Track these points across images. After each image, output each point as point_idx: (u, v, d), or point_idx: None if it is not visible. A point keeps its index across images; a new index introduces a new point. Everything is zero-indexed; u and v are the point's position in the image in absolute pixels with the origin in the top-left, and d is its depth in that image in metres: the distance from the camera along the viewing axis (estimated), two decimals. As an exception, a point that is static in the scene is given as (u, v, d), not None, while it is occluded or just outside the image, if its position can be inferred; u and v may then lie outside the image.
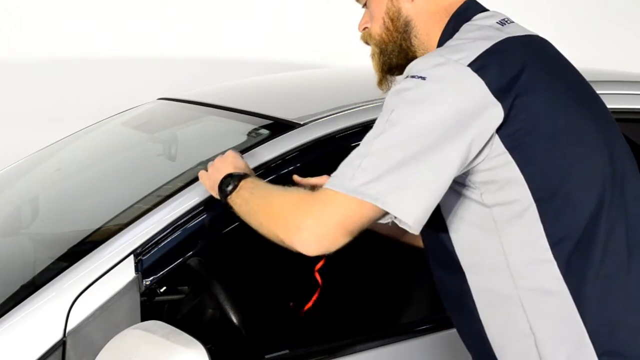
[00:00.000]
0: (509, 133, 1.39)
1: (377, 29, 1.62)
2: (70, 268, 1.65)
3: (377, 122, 1.43)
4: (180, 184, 1.81)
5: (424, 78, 1.40)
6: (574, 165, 1.44)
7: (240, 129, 2.07)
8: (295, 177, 1.79)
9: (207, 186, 1.68)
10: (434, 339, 1.92)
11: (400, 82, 1.46)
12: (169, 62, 4.53)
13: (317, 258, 2.67)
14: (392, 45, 1.61)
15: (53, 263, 1.79)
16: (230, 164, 1.64)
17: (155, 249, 1.68)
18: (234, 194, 1.57)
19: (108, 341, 1.54)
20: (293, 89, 2.56)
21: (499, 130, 1.39)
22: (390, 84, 1.65)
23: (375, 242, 2.27)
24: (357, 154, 1.40)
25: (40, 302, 1.60)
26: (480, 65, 1.40)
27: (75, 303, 1.60)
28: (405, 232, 1.59)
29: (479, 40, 1.46)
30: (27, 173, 2.62)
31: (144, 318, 1.64)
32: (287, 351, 1.86)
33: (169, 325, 1.54)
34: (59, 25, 4.32)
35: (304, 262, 2.72)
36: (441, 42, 1.54)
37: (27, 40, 4.28)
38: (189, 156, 2.22)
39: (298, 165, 1.83)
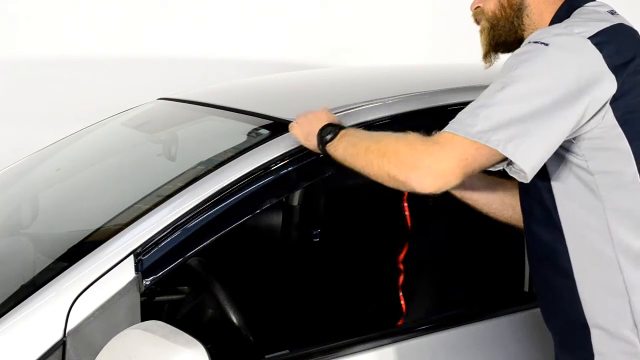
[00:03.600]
0: (620, 106, 1.50)
1: (491, 5, 1.72)
2: (70, 268, 1.65)
3: (498, 79, 1.52)
4: (180, 184, 1.81)
5: (546, 44, 1.50)
6: None
7: (240, 129, 2.07)
8: None
9: (299, 136, 1.78)
10: (434, 339, 1.92)
11: (522, 47, 1.55)
12: (169, 62, 4.53)
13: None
14: (504, 22, 1.71)
15: (53, 263, 1.79)
16: (325, 116, 1.75)
17: (155, 249, 1.68)
18: (335, 140, 1.67)
19: (108, 341, 1.54)
20: (293, 89, 2.56)
21: (612, 103, 1.50)
22: (493, 60, 1.76)
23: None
24: (479, 105, 1.50)
25: (40, 302, 1.60)
26: (599, 40, 1.51)
27: (75, 303, 1.60)
28: (475, 190, 1.79)
29: (595, 21, 1.58)
30: (27, 173, 2.62)
31: (144, 318, 1.64)
32: (287, 351, 1.86)
33: (169, 325, 1.54)
34: (59, 25, 4.32)
35: (304, 262, 2.73)
36: (554, 22, 1.63)
37: (27, 40, 4.28)
38: (189, 156, 2.22)
39: (298, 165, 1.83)
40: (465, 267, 2.47)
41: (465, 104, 2.06)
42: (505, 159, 1.49)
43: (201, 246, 1.73)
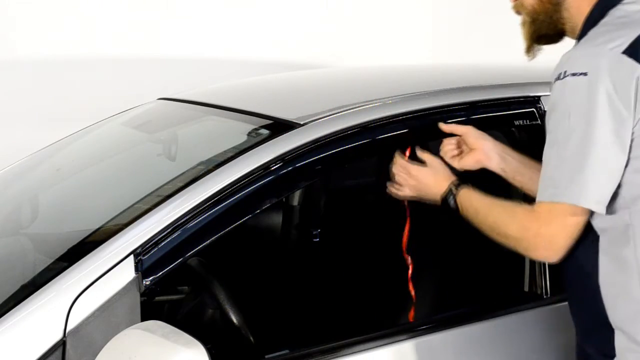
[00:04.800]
0: None
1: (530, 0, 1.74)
2: (70, 268, 1.65)
3: (557, 124, 1.57)
4: (180, 184, 1.81)
5: (585, 74, 1.53)
6: None
7: (240, 129, 2.07)
8: (441, 125, 1.96)
9: (416, 194, 1.91)
10: (434, 339, 1.92)
11: (563, 80, 1.57)
12: (169, 62, 4.53)
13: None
14: (544, 16, 1.72)
15: (53, 263, 1.79)
16: (445, 172, 1.87)
17: (155, 249, 1.68)
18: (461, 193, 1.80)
19: (108, 341, 1.54)
20: (293, 89, 2.56)
21: None
22: (536, 53, 1.79)
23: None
24: (553, 165, 1.58)
25: (40, 302, 1.60)
26: (633, 51, 1.53)
27: (75, 303, 1.60)
28: (518, 175, 1.87)
29: (628, 26, 1.58)
30: (27, 173, 2.62)
31: (144, 318, 1.64)
32: (287, 351, 1.86)
33: (169, 325, 1.54)
34: (59, 25, 4.32)
35: (304, 262, 2.73)
36: (588, 20, 1.65)
37: (27, 40, 4.28)
38: (189, 156, 2.22)
39: (298, 165, 1.83)
40: (465, 266, 2.46)
41: (466, 103, 2.08)
42: None
43: (201, 246, 1.73)
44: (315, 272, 2.68)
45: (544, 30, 1.74)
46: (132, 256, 1.66)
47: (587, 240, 1.64)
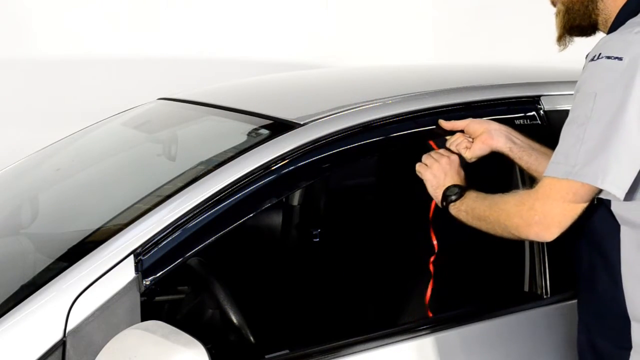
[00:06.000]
0: None
1: None
2: (70, 268, 1.65)
3: (580, 103, 1.56)
4: (180, 184, 1.81)
5: (620, 59, 1.52)
6: None
7: (240, 129, 2.07)
8: (441, 122, 1.97)
9: (429, 182, 1.89)
10: (434, 339, 1.92)
11: (597, 61, 1.56)
12: (169, 62, 4.53)
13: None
14: (579, 6, 1.72)
15: (53, 263, 1.79)
16: (456, 172, 1.87)
17: (155, 249, 1.68)
18: (457, 202, 1.80)
19: (108, 341, 1.54)
20: (293, 89, 2.56)
21: None
22: (567, 43, 1.79)
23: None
24: (570, 143, 1.55)
25: (40, 302, 1.60)
26: None
27: (75, 303, 1.60)
28: (525, 154, 1.87)
29: None
30: (27, 173, 2.62)
31: (144, 318, 1.64)
32: (287, 351, 1.86)
33: (169, 325, 1.54)
34: (59, 25, 4.32)
35: (304, 262, 2.73)
36: (625, 10, 1.65)
37: (27, 40, 4.28)
38: (189, 156, 2.22)
39: (298, 165, 1.83)
40: (465, 266, 2.46)
41: (466, 103, 2.08)
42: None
43: (201, 246, 1.73)
44: (315, 272, 2.68)
45: (577, 20, 1.73)
46: (132, 256, 1.66)
47: (611, 231, 1.63)
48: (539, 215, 1.59)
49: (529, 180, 1.94)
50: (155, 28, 4.52)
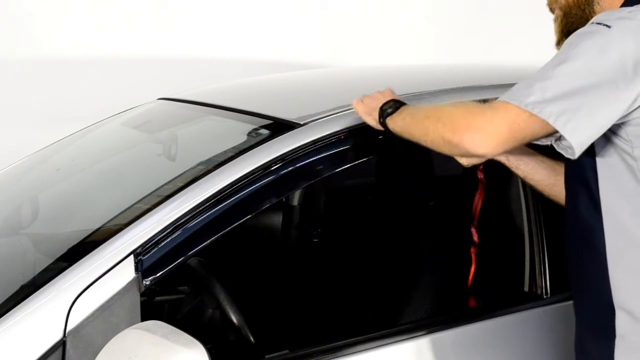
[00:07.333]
0: None
1: None
2: (70, 268, 1.65)
3: (557, 54, 1.57)
4: (180, 184, 1.81)
5: (609, 26, 1.53)
6: None
7: (240, 129, 2.07)
8: None
9: (361, 111, 1.86)
10: (434, 339, 1.92)
11: (585, 27, 1.57)
12: (169, 62, 4.54)
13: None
14: (576, 9, 1.74)
15: (53, 263, 1.79)
16: (390, 94, 1.84)
17: (155, 249, 1.68)
18: (395, 114, 1.76)
19: (108, 341, 1.54)
20: (293, 89, 2.56)
21: None
22: None
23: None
24: (537, 77, 1.55)
25: (40, 302, 1.60)
26: None
27: (75, 303, 1.60)
28: (554, 183, 1.85)
29: None
30: (27, 173, 2.62)
31: (144, 318, 1.64)
32: (287, 351, 1.86)
33: (169, 325, 1.54)
34: (59, 25, 4.33)
35: (304, 262, 2.73)
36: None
37: (27, 40, 4.29)
38: (189, 156, 2.22)
39: (298, 165, 1.83)
40: (465, 266, 2.46)
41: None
42: (555, 132, 1.53)
43: (201, 246, 1.73)
44: (315, 272, 2.68)
45: (575, 24, 1.74)
46: (132, 256, 1.66)
47: (597, 217, 1.63)
48: (483, 119, 1.53)
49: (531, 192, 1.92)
50: (156, 28, 4.52)
